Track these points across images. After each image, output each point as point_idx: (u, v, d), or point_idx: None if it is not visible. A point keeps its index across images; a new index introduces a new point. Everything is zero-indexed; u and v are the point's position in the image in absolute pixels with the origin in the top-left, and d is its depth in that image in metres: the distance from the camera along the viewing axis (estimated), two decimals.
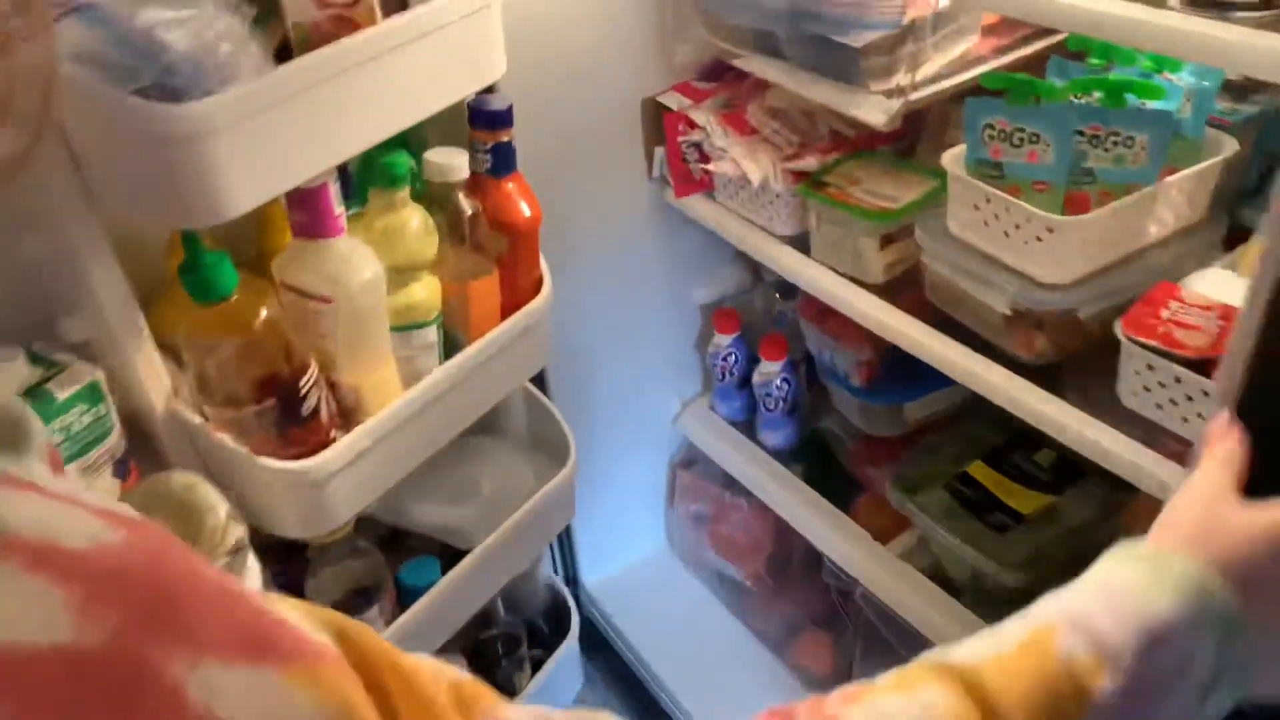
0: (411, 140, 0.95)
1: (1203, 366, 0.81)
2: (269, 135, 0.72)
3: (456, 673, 0.40)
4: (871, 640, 1.28)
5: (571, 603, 1.35)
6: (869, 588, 1.22)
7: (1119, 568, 0.50)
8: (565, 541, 1.53)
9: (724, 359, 1.38)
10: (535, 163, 1.13)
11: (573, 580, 1.57)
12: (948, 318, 1.02)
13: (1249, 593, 0.49)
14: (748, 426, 1.44)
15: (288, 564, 0.99)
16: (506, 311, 1.00)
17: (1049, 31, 1.00)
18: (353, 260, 0.84)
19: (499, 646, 1.26)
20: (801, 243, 1.14)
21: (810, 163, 1.09)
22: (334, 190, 0.82)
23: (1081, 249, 0.88)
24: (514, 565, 1.14)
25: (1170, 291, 0.85)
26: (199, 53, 0.67)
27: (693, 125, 1.18)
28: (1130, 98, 0.87)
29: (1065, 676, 0.46)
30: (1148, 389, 0.84)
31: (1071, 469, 1.18)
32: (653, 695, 1.46)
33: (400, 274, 0.90)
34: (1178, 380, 0.82)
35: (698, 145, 1.20)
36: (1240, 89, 0.96)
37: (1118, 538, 1.03)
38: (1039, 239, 0.88)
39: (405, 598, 1.04)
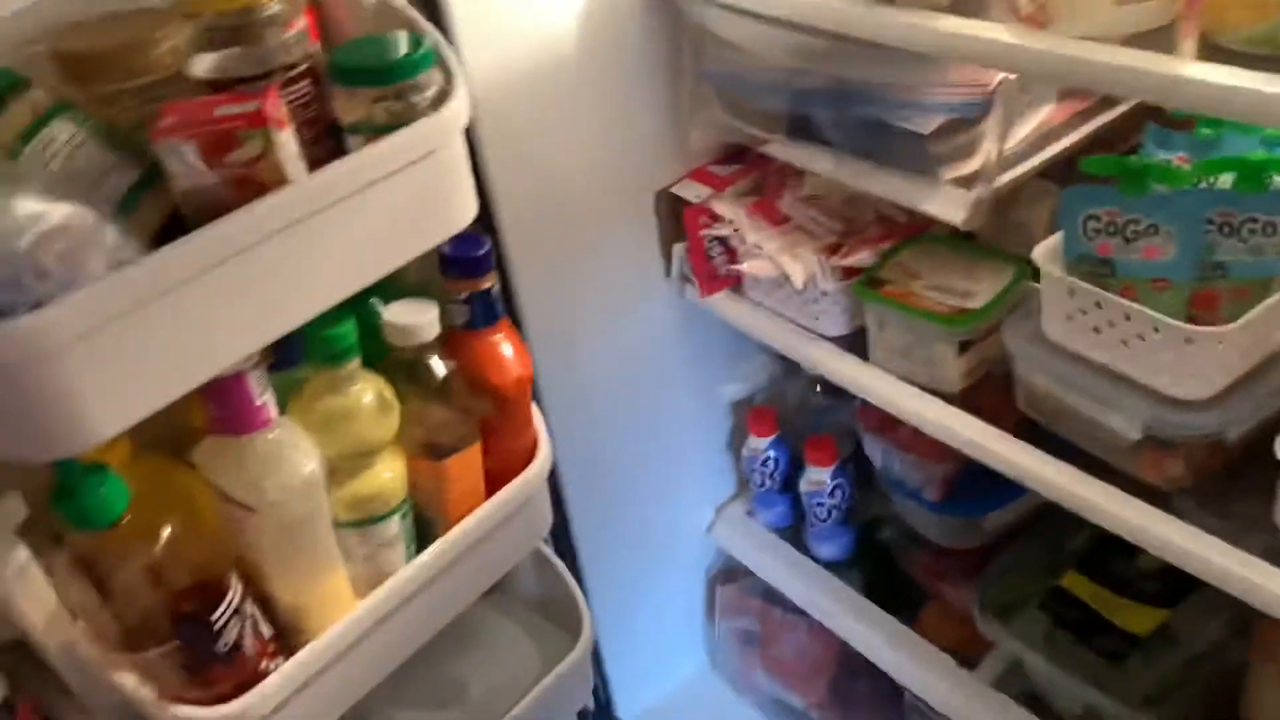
0: (383, 282, 0.80)
1: None
2: (139, 340, 0.56)
3: None
4: None
5: None
6: None
7: None
8: (595, 672, 1.37)
9: (762, 464, 1.23)
10: (541, 268, 1.00)
11: (607, 716, 1.41)
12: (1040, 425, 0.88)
13: None
14: (793, 533, 1.28)
15: None
16: (497, 484, 0.84)
17: None
18: (281, 459, 0.68)
19: None
20: (855, 341, 0.99)
21: (864, 256, 0.94)
22: (255, 379, 0.65)
23: (1224, 360, 0.73)
24: None
25: None
26: (8, 262, 0.50)
27: (716, 218, 1.03)
28: (1270, 177, 0.73)
29: None
30: None
31: (1181, 574, 1.03)
32: None
33: (350, 460, 0.74)
34: None
35: (723, 240, 1.05)
36: None
37: (1253, 663, 0.88)
38: (1170, 351, 0.74)
39: None
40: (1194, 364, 0.73)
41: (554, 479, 1.16)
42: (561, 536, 1.21)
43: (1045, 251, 0.81)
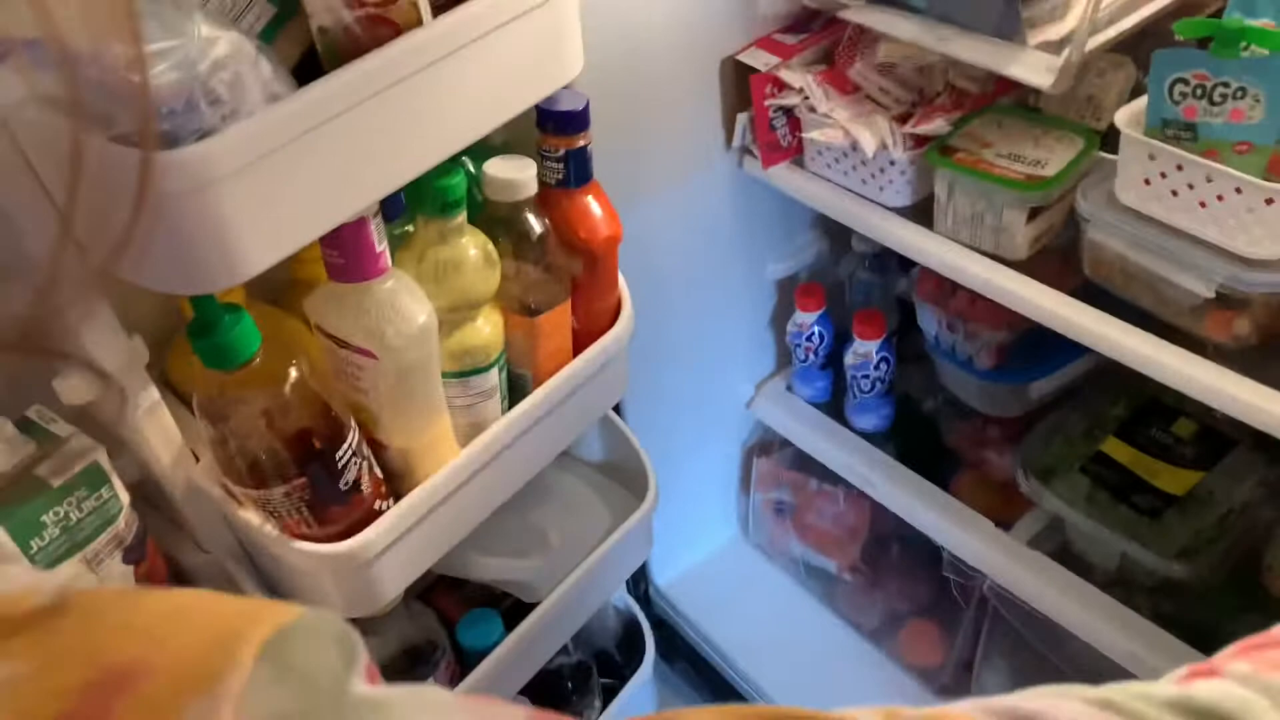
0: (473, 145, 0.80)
1: None
2: (289, 176, 0.57)
3: None
4: (997, 635, 1.19)
5: (646, 628, 1.23)
6: (999, 582, 1.13)
7: None
8: None
9: (808, 339, 1.26)
10: (606, 133, 0.98)
11: (643, 582, 1.47)
12: (1100, 291, 0.91)
13: None
14: (831, 407, 1.32)
15: None
16: (580, 342, 0.86)
17: None
18: (398, 307, 0.69)
19: (568, 682, 1.14)
20: (918, 213, 1.01)
21: (938, 124, 0.96)
22: (376, 227, 0.66)
23: None
24: (586, 612, 1.01)
25: None
26: (188, 86, 0.51)
27: (783, 86, 1.03)
28: None
29: None
30: None
31: (1217, 440, 1.09)
32: (745, 700, 1.37)
33: (456, 312, 0.75)
34: None
35: (788, 110, 1.05)
36: None
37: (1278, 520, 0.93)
38: (1250, 211, 0.76)
39: (467, 657, 0.92)
40: (1272, 224, 0.76)
41: None
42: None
43: (1128, 116, 0.83)
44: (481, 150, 0.80)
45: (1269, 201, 0.75)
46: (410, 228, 0.77)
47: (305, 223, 0.61)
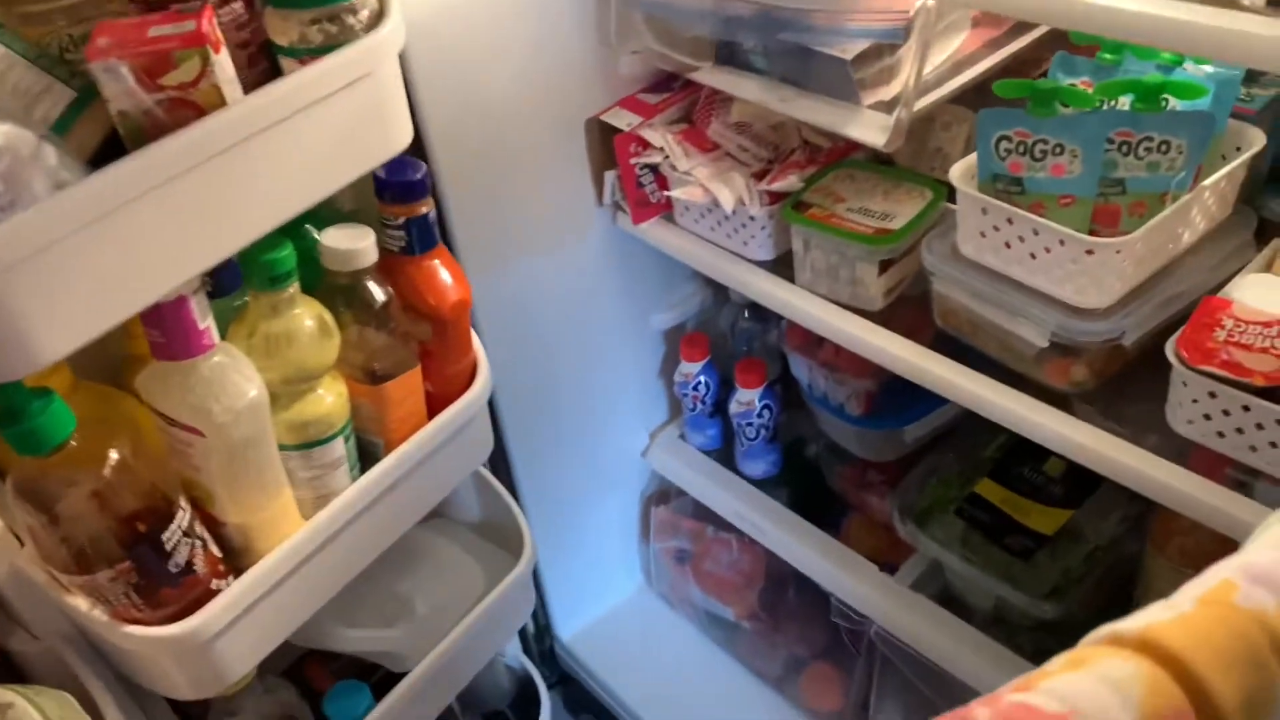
0: (319, 208, 0.80)
1: (1274, 393, 0.73)
2: (83, 261, 0.57)
3: None
4: (888, 676, 1.20)
5: (541, 687, 1.22)
6: (885, 626, 1.14)
7: None
8: (536, 595, 1.41)
9: (694, 388, 1.27)
10: (474, 195, 1.01)
11: (547, 638, 1.45)
12: (953, 339, 0.93)
13: None
14: (723, 455, 1.33)
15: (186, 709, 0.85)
16: (437, 406, 0.86)
17: None
18: (225, 383, 0.69)
19: None
20: (782, 265, 1.03)
21: (790, 181, 0.98)
22: (196, 304, 0.66)
23: (1122, 270, 0.78)
24: (464, 677, 1.00)
25: (1221, 308, 0.77)
26: None
27: (646, 145, 1.05)
28: (1165, 99, 0.77)
29: (1260, 629, 0.42)
30: (1208, 417, 0.76)
31: (1084, 477, 1.10)
32: None
33: (293, 385, 0.75)
34: (1245, 409, 0.74)
35: (653, 168, 1.07)
36: (1251, 71, 0.88)
37: (1147, 553, 0.96)
38: (1074, 262, 0.79)
39: None
40: (1095, 274, 0.78)
41: (491, 405, 1.18)
42: (499, 462, 1.24)
43: (961, 171, 0.85)
44: (332, 218, 0.80)
45: (1089, 253, 0.78)
46: (245, 300, 0.76)
47: (110, 304, 0.60)
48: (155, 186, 0.58)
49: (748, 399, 1.21)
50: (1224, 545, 0.97)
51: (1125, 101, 0.79)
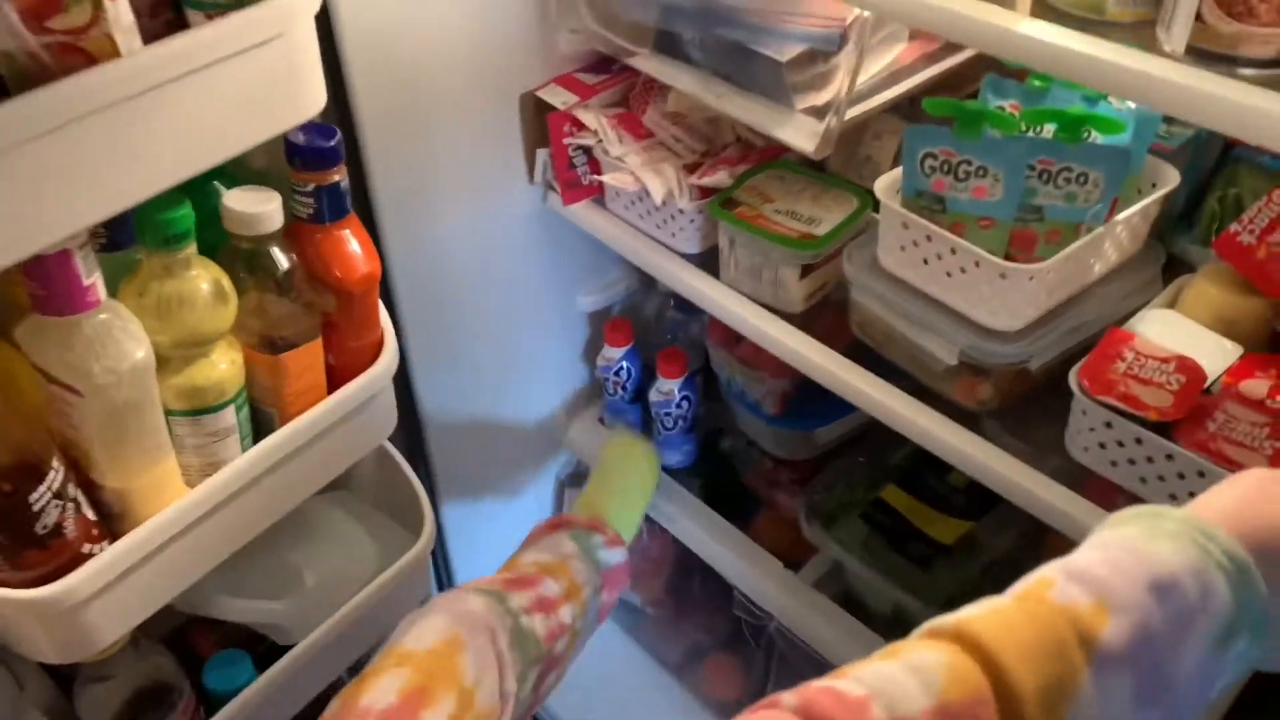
0: (228, 167, 0.77)
1: (1165, 428, 0.75)
2: None
3: None
4: (786, 671, 1.21)
5: None
6: (784, 622, 1.15)
7: (1114, 529, 0.50)
8: (442, 570, 1.40)
9: (615, 373, 1.26)
10: (400, 163, 0.98)
11: None
12: (868, 348, 0.93)
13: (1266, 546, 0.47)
14: None
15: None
16: (339, 380, 0.84)
17: None
18: (109, 343, 0.66)
19: None
20: (708, 259, 1.02)
21: (720, 177, 0.97)
22: (82, 259, 0.63)
23: (1034, 295, 0.79)
24: (354, 653, 0.98)
25: (1124, 340, 0.78)
26: None
27: (581, 126, 1.03)
28: (1087, 131, 0.78)
29: (1066, 622, 0.44)
30: (1103, 445, 0.78)
31: (987, 491, 1.13)
32: None
33: (184, 349, 0.72)
34: (1138, 441, 0.75)
35: (587, 150, 1.05)
36: None
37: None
38: (988, 284, 0.80)
39: (213, 700, 0.88)
40: (1007, 297, 0.79)
41: (406, 378, 1.16)
42: (413, 434, 1.22)
43: (885, 185, 0.85)
44: (245, 175, 0.77)
45: (1003, 276, 0.79)
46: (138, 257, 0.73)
47: None
48: (36, 136, 0.55)
49: (668, 389, 1.21)
50: None
51: (1049, 130, 0.79)
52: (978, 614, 0.46)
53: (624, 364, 1.26)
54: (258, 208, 0.73)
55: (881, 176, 0.85)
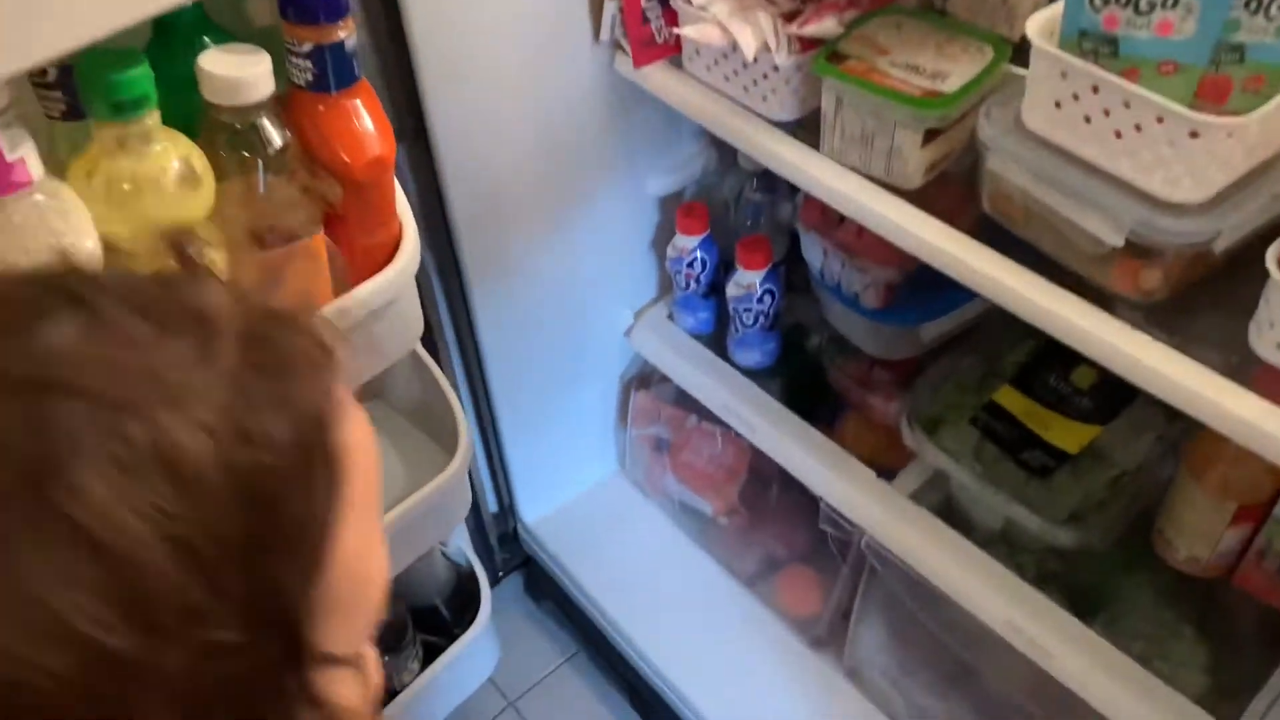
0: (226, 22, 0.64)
1: None
2: None
3: None
4: (874, 588, 1.11)
5: (483, 581, 1.12)
6: (876, 538, 1.04)
7: None
8: (501, 475, 1.31)
9: (689, 265, 1.13)
10: (445, 16, 0.85)
11: (511, 519, 1.36)
12: (999, 229, 0.80)
13: None
14: (714, 340, 1.20)
15: None
16: (356, 278, 0.71)
17: None
18: (40, 233, 0.54)
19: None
20: (806, 129, 0.88)
21: (827, 25, 0.82)
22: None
23: (1229, 158, 0.65)
24: None
25: None
26: None
27: None
28: None
29: None
30: None
31: (1116, 390, 0.99)
32: (611, 643, 1.28)
33: (152, 243, 0.60)
34: None
35: (663, 0, 0.90)
36: None
37: (1180, 481, 0.85)
38: (1170, 145, 0.65)
39: None
40: (1194, 160, 0.65)
41: (458, 275, 1.05)
42: (466, 337, 1.11)
43: (1039, 25, 0.70)
44: (243, 34, 0.64)
45: (1193, 135, 0.64)
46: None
47: None
48: None
49: (748, 281, 1.08)
50: (1276, 478, 0.87)
51: None
52: None
53: (698, 254, 1.13)
54: (240, 71, 0.59)
55: (1036, 14, 0.70)
